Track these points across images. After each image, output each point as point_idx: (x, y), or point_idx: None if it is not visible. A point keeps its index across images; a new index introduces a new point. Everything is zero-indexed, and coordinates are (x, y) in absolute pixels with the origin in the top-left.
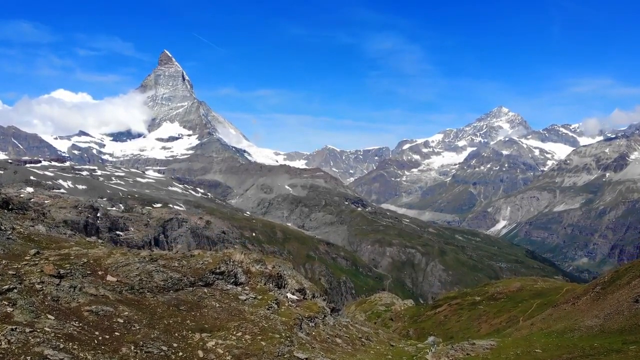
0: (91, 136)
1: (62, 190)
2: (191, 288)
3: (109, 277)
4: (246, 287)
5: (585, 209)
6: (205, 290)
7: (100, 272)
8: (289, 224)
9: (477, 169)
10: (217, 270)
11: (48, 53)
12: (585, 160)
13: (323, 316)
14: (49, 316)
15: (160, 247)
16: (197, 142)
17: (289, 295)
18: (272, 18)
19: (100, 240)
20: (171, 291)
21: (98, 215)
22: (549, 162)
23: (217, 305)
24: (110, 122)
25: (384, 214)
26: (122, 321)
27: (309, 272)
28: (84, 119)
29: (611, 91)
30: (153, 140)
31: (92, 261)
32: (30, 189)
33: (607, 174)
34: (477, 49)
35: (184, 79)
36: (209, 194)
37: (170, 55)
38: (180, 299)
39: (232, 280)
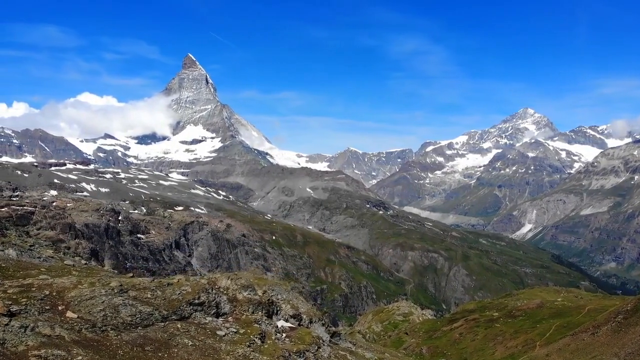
0: (116, 139)
1: (85, 193)
2: (162, 323)
3: (69, 314)
4: (229, 319)
5: (613, 212)
6: (179, 325)
7: (60, 307)
8: (310, 227)
9: (502, 172)
10: (196, 301)
11: (74, 57)
12: (613, 162)
13: (317, 348)
14: None
15: (181, 250)
16: (220, 144)
17: (281, 323)
18: (293, 21)
19: (83, 261)
20: (139, 328)
21: (119, 218)
22: (576, 165)
23: (190, 343)
24: (136, 125)
25: (406, 217)
26: None
27: (329, 276)
28: (110, 122)
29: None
30: (177, 143)
31: (54, 293)
32: (53, 192)
33: (636, 177)
34: (501, 50)
35: (207, 82)
36: (230, 196)
37: (194, 59)
38: (148, 338)
39: (213, 311)
